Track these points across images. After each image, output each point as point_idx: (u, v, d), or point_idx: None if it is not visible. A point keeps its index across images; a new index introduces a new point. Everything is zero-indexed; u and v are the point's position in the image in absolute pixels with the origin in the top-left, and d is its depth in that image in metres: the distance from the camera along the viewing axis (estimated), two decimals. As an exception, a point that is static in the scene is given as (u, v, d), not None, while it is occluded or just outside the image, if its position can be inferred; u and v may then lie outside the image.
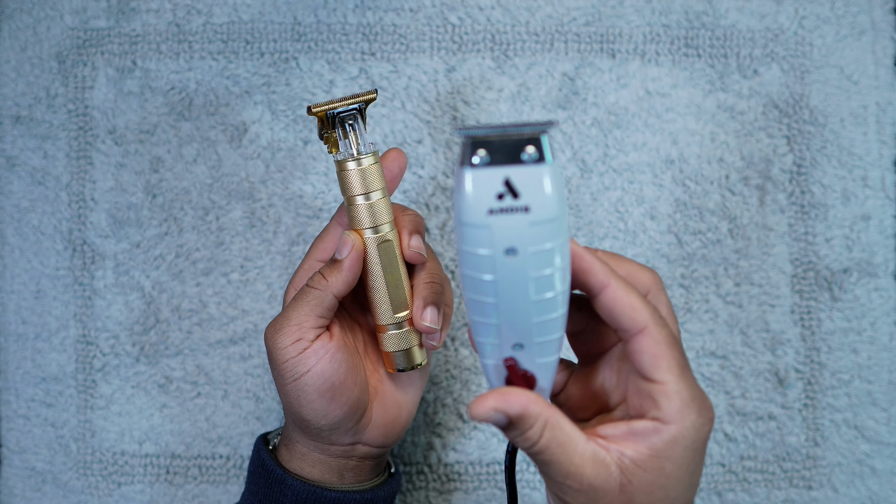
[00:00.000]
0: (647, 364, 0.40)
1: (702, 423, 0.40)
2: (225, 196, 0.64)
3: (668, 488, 0.40)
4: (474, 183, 0.37)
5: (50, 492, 0.64)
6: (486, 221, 0.37)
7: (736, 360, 0.64)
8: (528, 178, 0.37)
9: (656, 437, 0.39)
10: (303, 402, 0.49)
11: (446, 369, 0.63)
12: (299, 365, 0.48)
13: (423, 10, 0.63)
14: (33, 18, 0.64)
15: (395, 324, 0.50)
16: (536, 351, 0.40)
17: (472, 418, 0.40)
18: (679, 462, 0.40)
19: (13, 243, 0.64)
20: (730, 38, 0.64)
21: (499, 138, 0.37)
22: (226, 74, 0.64)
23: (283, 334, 0.48)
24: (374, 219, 0.49)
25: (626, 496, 0.40)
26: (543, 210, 0.37)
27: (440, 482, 0.63)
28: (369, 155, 0.49)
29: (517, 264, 0.37)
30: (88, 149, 0.64)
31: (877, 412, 0.64)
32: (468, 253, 0.38)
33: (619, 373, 0.43)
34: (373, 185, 0.49)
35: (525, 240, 0.37)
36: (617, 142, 0.64)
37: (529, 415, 0.40)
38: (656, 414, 0.40)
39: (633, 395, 0.41)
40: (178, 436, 0.64)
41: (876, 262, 0.64)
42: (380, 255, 0.49)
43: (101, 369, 0.64)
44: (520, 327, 0.39)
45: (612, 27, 0.64)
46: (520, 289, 0.38)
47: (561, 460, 0.40)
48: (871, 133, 0.64)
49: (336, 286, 0.48)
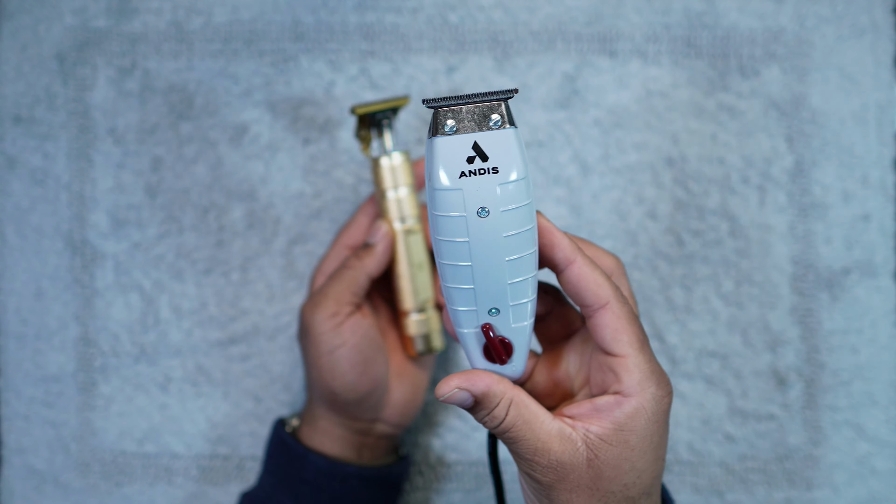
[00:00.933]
0: (608, 338, 0.41)
1: (661, 396, 0.41)
2: (225, 196, 0.64)
3: (634, 460, 0.41)
4: (445, 149, 0.39)
5: (50, 492, 0.64)
6: (458, 184, 0.39)
7: (736, 360, 0.64)
8: (495, 141, 0.39)
9: (618, 411, 0.41)
10: (336, 375, 0.52)
11: (446, 369, 0.63)
12: (336, 338, 0.52)
13: (423, 10, 0.63)
14: (33, 18, 0.64)
15: (418, 309, 0.55)
16: (512, 315, 0.41)
17: (438, 397, 0.41)
18: (642, 434, 0.41)
19: (13, 243, 0.64)
20: (730, 38, 0.64)
21: (466, 107, 0.39)
22: (226, 74, 0.64)
23: (322, 308, 0.52)
24: (403, 211, 0.54)
25: (593, 471, 0.41)
26: (511, 170, 0.39)
27: (440, 482, 0.63)
28: (400, 153, 0.54)
29: (489, 224, 0.39)
30: (88, 149, 0.64)
31: (877, 412, 0.64)
32: (442, 218, 0.40)
33: (581, 355, 0.45)
34: (402, 181, 0.54)
35: (496, 199, 0.39)
36: (617, 142, 0.64)
37: (494, 393, 0.41)
38: (618, 388, 0.41)
39: (595, 373, 0.43)
40: (178, 436, 0.64)
41: (876, 262, 0.64)
42: (406, 244, 0.54)
43: (101, 369, 0.64)
44: (495, 290, 0.41)
45: (612, 27, 0.64)
46: (493, 249, 0.40)
47: (528, 437, 0.41)
48: (871, 133, 0.64)
49: (370, 267, 0.53)
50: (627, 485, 0.41)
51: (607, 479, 0.41)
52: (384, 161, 0.54)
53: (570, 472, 0.41)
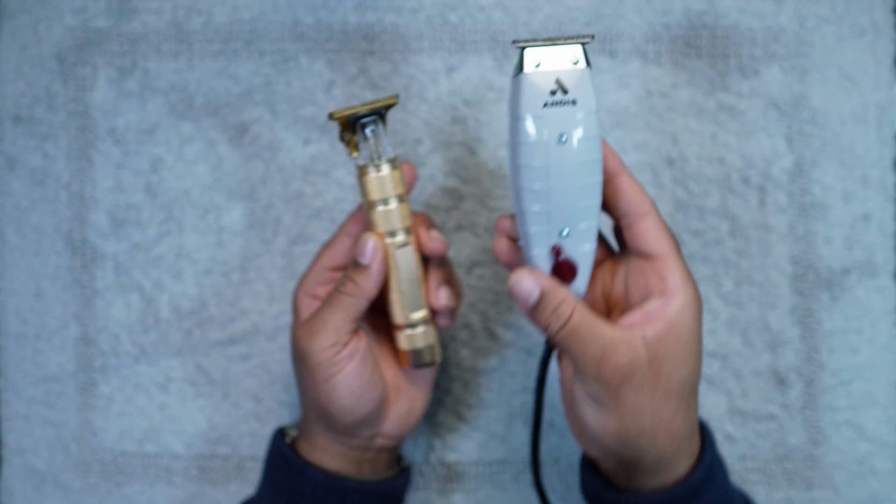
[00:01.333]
0: (652, 241, 0.46)
1: (698, 295, 0.47)
2: (225, 196, 0.64)
3: (687, 355, 0.46)
4: (531, 83, 0.44)
5: (50, 492, 0.64)
6: (542, 113, 0.44)
7: (736, 360, 0.64)
8: (574, 78, 0.44)
9: (668, 311, 0.45)
10: (333, 400, 0.51)
11: (446, 369, 0.63)
12: (333, 366, 0.50)
13: (423, 10, 0.63)
14: (33, 18, 0.64)
15: (412, 323, 0.52)
16: (579, 237, 0.46)
17: (509, 289, 0.46)
18: (692, 328, 0.46)
19: (13, 243, 0.64)
20: (730, 38, 0.64)
21: (550, 48, 0.45)
22: (226, 74, 0.64)
23: (321, 338, 0.50)
24: (393, 223, 0.50)
25: (654, 370, 0.45)
26: (587, 103, 0.44)
27: (440, 482, 0.63)
28: (389, 161, 0.50)
29: (566, 151, 0.45)
30: (88, 149, 0.64)
31: (877, 412, 0.64)
32: (525, 143, 0.45)
33: (614, 276, 0.49)
34: (392, 191, 0.50)
35: (573, 127, 0.44)
36: (617, 142, 0.64)
37: (559, 292, 0.46)
38: (662, 287, 0.46)
39: (635, 283, 0.47)
40: (178, 436, 0.64)
41: (876, 262, 0.64)
42: (398, 258, 0.51)
43: (101, 369, 0.64)
44: (567, 212, 0.46)
45: (612, 27, 0.64)
46: (568, 173, 0.45)
47: (594, 340, 0.45)
48: (871, 133, 0.64)
49: (369, 290, 0.50)
50: (682, 380, 0.46)
51: (666, 375, 0.45)
52: (371, 171, 0.50)
53: (635, 372, 0.45)
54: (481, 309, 0.63)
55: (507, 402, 0.63)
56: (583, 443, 0.50)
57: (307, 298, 0.53)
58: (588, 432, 0.48)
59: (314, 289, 0.53)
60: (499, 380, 0.63)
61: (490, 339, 0.63)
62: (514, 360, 0.63)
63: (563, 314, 0.45)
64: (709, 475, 0.49)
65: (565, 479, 0.64)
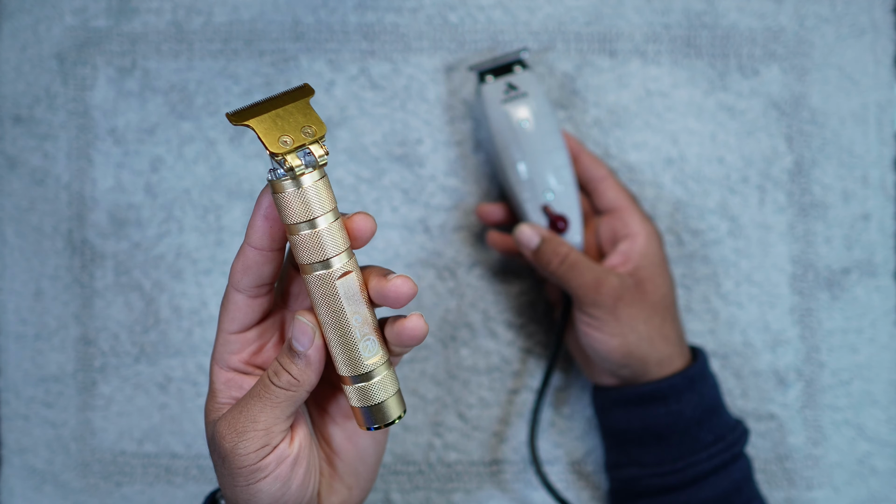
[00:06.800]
0: (612, 196, 0.59)
1: (656, 230, 0.58)
2: (225, 196, 0.64)
3: (663, 275, 0.57)
4: (491, 89, 0.59)
5: (50, 492, 0.64)
6: (503, 108, 0.58)
7: (736, 360, 0.64)
8: (521, 78, 0.59)
9: (637, 245, 0.57)
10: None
11: (446, 369, 0.63)
12: (258, 472, 0.41)
13: (423, 9, 0.64)
14: (33, 18, 0.64)
15: (364, 374, 0.40)
16: (562, 198, 0.58)
17: (516, 238, 0.58)
18: (659, 254, 0.57)
19: (13, 243, 0.64)
20: (730, 37, 0.64)
21: (497, 64, 0.60)
22: (226, 74, 0.64)
23: (248, 439, 0.41)
24: (325, 251, 0.38)
25: (640, 290, 0.56)
26: (536, 94, 0.59)
27: (440, 482, 0.63)
28: (313, 170, 0.37)
29: (529, 129, 0.58)
30: (88, 149, 0.64)
31: (877, 412, 0.64)
32: (498, 133, 0.58)
33: (598, 229, 0.59)
34: (321, 208, 0.38)
35: (530, 111, 0.58)
36: (617, 141, 0.64)
37: (555, 237, 0.57)
38: (626, 232, 0.57)
39: (604, 234, 0.59)
40: (178, 436, 0.64)
41: (876, 261, 0.64)
42: (340, 293, 0.39)
43: (101, 369, 0.64)
44: (545, 177, 0.58)
45: (612, 27, 0.64)
46: (536, 146, 0.58)
47: (589, 271, 0.55)
48: (871, 133, 0.64)
49: (309, 382, 0.41)
50: (664, 295, 0.56)
51: (651, 292, 0.56)
52: (287, 185, 0.37)
53: (626, 293, 0.55)
54: (482, 308, 0.63)
55: (507, 402, 0.63)
56: (595, 373, 0.59)
57: (222, 372, 0.43)
58: (597, 356, 0.56)
59: (226, 359, 0.43)
60: (499, 380, 0.64)
61: (490, 339, 0.63)
62: (515, 359, 0.64)
63: (561, 252, 0.56)
64: (702, 371, 0.57)
65: (565, 479, 0.64)
